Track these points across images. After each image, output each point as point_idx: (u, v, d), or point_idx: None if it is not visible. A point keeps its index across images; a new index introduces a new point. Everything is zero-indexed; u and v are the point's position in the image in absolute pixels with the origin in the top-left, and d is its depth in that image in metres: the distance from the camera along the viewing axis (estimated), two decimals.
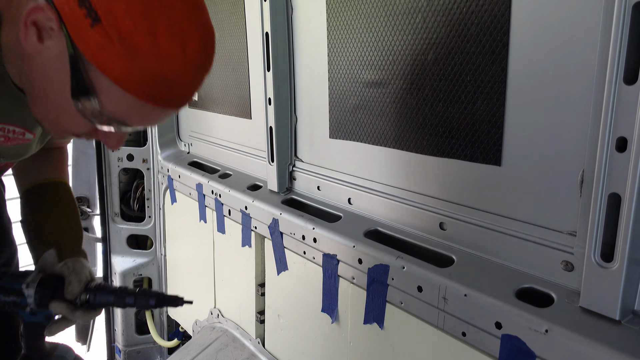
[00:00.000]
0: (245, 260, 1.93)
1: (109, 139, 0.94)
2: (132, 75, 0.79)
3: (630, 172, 0.83)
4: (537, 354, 0.95)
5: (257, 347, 1.95)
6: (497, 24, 1.06)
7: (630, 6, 0.80)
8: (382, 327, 1.32)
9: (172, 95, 0.85)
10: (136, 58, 0.77)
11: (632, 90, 0.81)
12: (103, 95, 0.82)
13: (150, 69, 0.79)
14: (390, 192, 1.42)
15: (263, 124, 1.79)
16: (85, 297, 1.17)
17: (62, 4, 0.78)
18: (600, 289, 0.91)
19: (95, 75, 0.80)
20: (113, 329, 2.94)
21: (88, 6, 0.76)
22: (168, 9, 0.78)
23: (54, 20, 0.79)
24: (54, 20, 0.79)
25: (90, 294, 1.17)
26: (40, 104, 0.92)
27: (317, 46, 1.58)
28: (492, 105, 1.10)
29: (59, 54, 0.81)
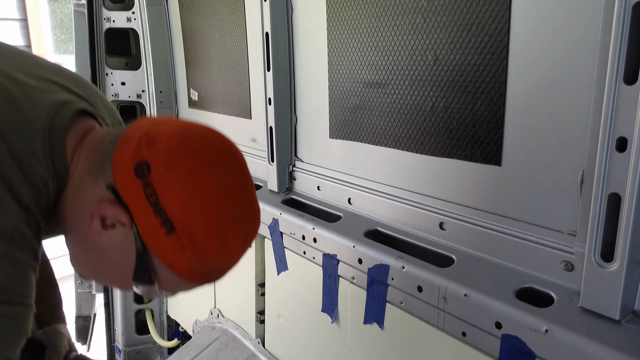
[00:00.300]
0: (245, 260, 1.92)
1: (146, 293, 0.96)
2: (197, 272, 0.86)
3: (630, 172, 0.83)
4: (537, 354, 0.95)
5: (257, 347, 1.95)
6: (497, 24, 1.06)
7: (630, 6, 0.80)
8: (382, 327, 1.32)
9: (221, 276, 0.92)
10: (204, 260, 0.83)
11: (632, 90, 0.81)
12: (163, 281, 0.87)
13: (214, 266, 0.87)
14: (390, 192, 1.42)
15: (263, 124, 1.79)
16: None
17: (135, 207, 0.80)
18: (600, 289, 0.91)
19: (159, 267, 0.84)
20: (113, 329, 2.94)
21: (164, 217, 0.79)
22: (238, 220, 0.85)
23: (125, 220, 0.81)
24: (126, 220, 0.81)
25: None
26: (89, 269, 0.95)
27: (317, 46, 1.58)
28: (492, 105, 1.10)
29: (122, 243, 0.84)
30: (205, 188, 0.81)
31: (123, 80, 2.61)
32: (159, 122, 0.87)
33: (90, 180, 0.85)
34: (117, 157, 0.82)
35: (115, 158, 0.82)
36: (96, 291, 2.92)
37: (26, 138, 0.81)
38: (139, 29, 2.52)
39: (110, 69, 2.60)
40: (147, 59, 2.53)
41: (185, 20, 2.33)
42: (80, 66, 2.77)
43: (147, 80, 2.57)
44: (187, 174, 0.80)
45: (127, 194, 0.80)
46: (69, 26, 5.38)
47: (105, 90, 2.61)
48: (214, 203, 0.81)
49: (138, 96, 2.63)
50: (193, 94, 2.40)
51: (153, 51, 2.49)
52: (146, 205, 0.79)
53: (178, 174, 0.80)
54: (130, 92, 2.63)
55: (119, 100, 2.65)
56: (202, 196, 0.80)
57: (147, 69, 2.55)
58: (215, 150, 0.86)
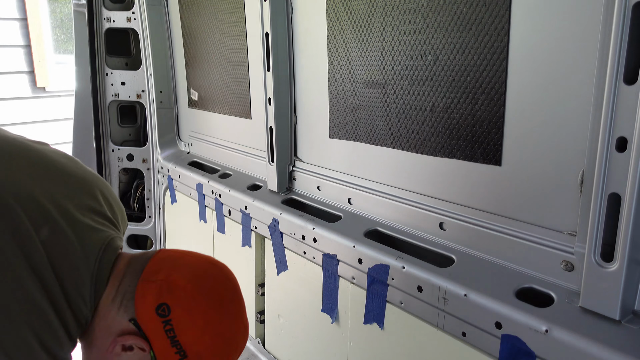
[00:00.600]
0: (245, 260, 1.93)
1: None
2: None
3: (630, 172, 0.83)
4: (537, 354, 0.95)
5: (257, 347, 1.95)
6: (497, 24, 1.06)
7: (630, 6, 0.80)
8: (382, 327, 1.32)
9: None
10: None
11: (632, 90, 0.81)
12: None
13: None
14: (390, 192, 1.42)
15: (263, 124, 1.79)
16: None
17: (155, 339, 0.97)
18: (600, 289, 0.91)
19: None
20: None
21: (179, 348, 0.97)
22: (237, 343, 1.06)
23: (144, 347, 0.97)
24: (145, 347, 0.97)
25: None
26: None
27: (317, 46, 1.58)
28: (492, 105, 1.10)
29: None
30: (215, 324, 1.01)
31: (123, 80, 2.61)
32: (175, 264, 1.04)
33: (113, 311, 0.99)
34: (140, 296, 0.98)
35: (138, 297, 0.98)
36: None
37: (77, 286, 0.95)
38: (139, 29, 2.52)
39: (110, 69, 2.60)
40: (147, 59, 2.53)
41: (185, 20, 2.33)
42: (80, 66, 2.78)
43: (147, 80, 2.57)
44: (201, 314, 1.00)
45: (148, 328, 0.97)
46: (69, 26, 5.38)
47: (105, 90, 2.62)
48: (222, 335, 1.02)
49: (138, 96, 2.63)
50: (193, 94, 2.40)
51: (153, 51, 2.49)
52: (165, 338, 0.97)
53: (193, 316, 0.99)
54: (130, 92, 2.63)
55: (119, 100, 2.65)
56: (212, 331, 1.00)
57: (147, 69, 2.55)
58: (222, 289, 1.06)
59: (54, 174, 1.04)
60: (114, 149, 2.70)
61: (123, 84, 2.61)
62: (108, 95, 2.63)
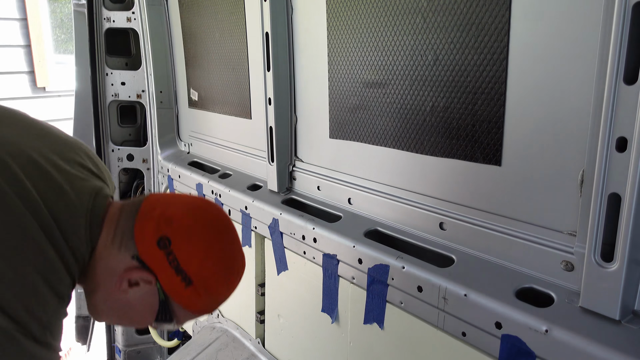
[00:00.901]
0: (246, 260, 1.92)
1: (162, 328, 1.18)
2: (207, 308, 1.12)
3: (630, 172, 0.83)
4: (537, 354, 0.95)
5: (257, 347, 1.95)
6: (497, 24, 1.06)
7: (630, 6, 0.80)
8: (382, 327, 1.32)
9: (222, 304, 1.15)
10: (214, 299, 1.10)
11: (632, 90, 0.81)
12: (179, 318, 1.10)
13: (220, 301, 1.12)
14: (390, 192, 1.42)
15: (263, 124, 1.79)
16: None
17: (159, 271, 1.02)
18: (600, 289, 0.91)
19: (177, 309, 1.07)
20: (113, 329, 2.94)
21: (184, 275, 1.02)
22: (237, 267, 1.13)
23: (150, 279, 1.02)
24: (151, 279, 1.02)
25: None
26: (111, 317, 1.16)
27: (317, 46, 1.58)
28: (492, 105, 1.10)
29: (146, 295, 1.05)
30: (215, 250, 1.07)
31: (123, 80, 2.61)
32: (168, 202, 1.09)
33: (114, 251, 1.04)
34: (139, 233, 1.03)
35: (137, 234, 1.03)
36: None
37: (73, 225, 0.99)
38: (139, 29, 2.52)
39: (110, 69, 2.60)
40: (147, 59, 2.53)
41: (185, 20, 2.33)
42: (80, 66, 2.78)
43: (147, 80, 2.57)
44: (201, 241, 1.05)
45: (151, 261, 1.02)
46: (69, 26, 5.38)
47: (105, 90, 2.62)
48: (222, 260, 1.09)
49: (138, 96, 2.63)
50: (193, 94, 2.40)
51: (153, 51, 2.49)
52: (169, 268, 1.02)
53: (194, 244, 1.04)
54: (130, 92, 2.63)
55: (119, 100, 2.65)
56: (213, 256, 1.06)
57: (147, 69, 2.55)
58: (216, 220, 1.11)
59: (40, 133, 1.09)
60: (114, 149, 2.71)
61: (123, 84, 2.61)
62: (108, 95, 2.63)
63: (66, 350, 4.53)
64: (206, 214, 1.10)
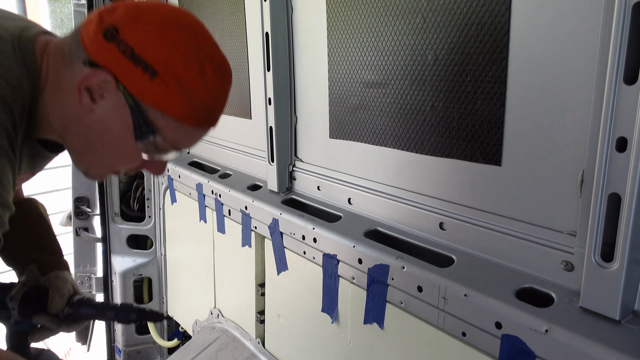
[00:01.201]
0: (245, 260, 1.93)
1: (154, 168, 1.06)
2: (189, 110, 0.96)
3: (630, 172, 0.83)
4: (537, 354, 0.95)
5: (257, 347, 1.95)
6: (497, 24, 1.06)
7: (630, 6, 0.80)
8: (382, 327, 1.32)
9: (214, 117, 1.05)
10: (191, 96, 0.93)
11: (632, 90, 0.81)
12: (163, 131, 0.97)
13: (202, 102, 0.96)
14: (390, 192, 1.42)
15: (263, 124, 1.79)
16: (67, 311, 1.21)
17: (115, 66, 0.90)
18: (600, 289, 0.91)
19: (155, 117, 0.94)
20: (113, 329, 2.94)
21: (143, 63, 0.89)
22: (211, 53, 0.97)
23: (110, 82, 0.91)
24: (111, 81, 0.91)
25: (73, 308, 1.21)
26: (95, 154, 1.03)
27: (317, 46, 1.58)
28: (492, 105, 1.10)
29: (115, 108, 0.94)
30: (172, 29, 0.92)
31: None
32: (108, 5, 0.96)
33: (67, 70, 0.94)
34: (84, 36, 0.92)
35: (83, 38, 0.92)
36: (96, 291, 2.92)
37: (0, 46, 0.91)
38: None
39: None
40: None
41: None
42: None
43: None
44: (152, 21, 0.91)
45: (104, 58, 0.90)
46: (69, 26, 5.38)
47: None
48: (184, 39, 0.93)
49: None
50: None
51: None
52: (123, 59, 0.89)
53: (144, 23, 0.90)
54: None
55: None
56: (170, 35, 0.91)
57: None
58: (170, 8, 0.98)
59: None
60: None
61: None
62: None
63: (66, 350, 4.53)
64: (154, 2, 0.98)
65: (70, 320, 1.22)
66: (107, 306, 1.22)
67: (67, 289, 1.24)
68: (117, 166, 1.05)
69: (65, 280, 1.25)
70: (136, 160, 1.02)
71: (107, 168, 1.07)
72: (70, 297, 1.23)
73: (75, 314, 1.22)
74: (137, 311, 1.22)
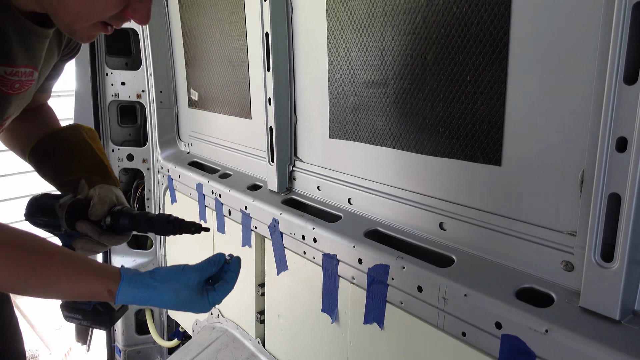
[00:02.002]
0: (245, 260, 1.92)
1: (138, 15, 1.03)
2: None
3: (630, 172, 0.83)
4: (537, 354, 0.95)
5: (257, 347, 1.95)
6: (497, 24, 1.06)
7: (630, 6, 0.80)
8: (382, 327, 1.32)
9: None
10: None
11: (632, 90, 0.81)
12: None
13: None
14: (390, 192, 1.42)
15: (263, 124, 1.79)
16: (109, 221, 1.22)
17: None
18: (600, 289, 0.91)
19: None
20: (113, 329, 2.94)
21: None
22: None
23: None
24: None
25: (113, 217, 1.22)
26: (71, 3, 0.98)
27: (317, 46, 1.58)
28: (492, 105, 1.10)
29: None
30: None
31: (123, 80, 2.61)
32: None
33: None
34: None
35: None
36: None
37: None
38: (139, 29, 2.52)
39: (110, 69, 2.60)
40: (147, 59, 2.53)
41: (185, 20, 2.33)
42: (80, 66, 2.77)
43: (147, 80, 2.58)
44: None
45: None
46: None
47: (105, 90, 2.62)
48: None
49: (138, 96, 2.63)
50: (193, 94, 2.40)
51: (153, 51, 2.49)
52: None
53: None
54: (130, 92, 2.63)
55: (119, 100, 2.65)
56: None
57: (147, 69, 2.55)
58: None
59: None
60: (114, 149, 2.71)
61: (123, 84, 2.61)
62: (108, 95, 2.63)
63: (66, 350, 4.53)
64: None
65: (111, 230, 1.23)
66: (145, 217, 1.22)
67: (109, 197, 1.25)
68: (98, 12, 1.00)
69: (108, 190, 1.27)
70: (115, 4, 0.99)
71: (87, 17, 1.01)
72: (112, 207, 1.24)
73: (116, 224, 1.23)
74: (173, 222, 1.20)
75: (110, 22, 1.03)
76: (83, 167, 1.35)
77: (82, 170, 1.34)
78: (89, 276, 0.98)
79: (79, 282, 0.98)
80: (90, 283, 0.98)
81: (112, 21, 1.03)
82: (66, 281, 0.97)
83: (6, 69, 1.06)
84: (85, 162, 1.36)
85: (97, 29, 1.04)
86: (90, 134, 1.45)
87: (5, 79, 1.07)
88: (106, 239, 1.23)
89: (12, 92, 1.11)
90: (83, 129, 1.44)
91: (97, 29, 1.04)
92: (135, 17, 1.03)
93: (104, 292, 0.98)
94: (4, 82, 1.07)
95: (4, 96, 1.10)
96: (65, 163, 1.36)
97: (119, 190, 1.31)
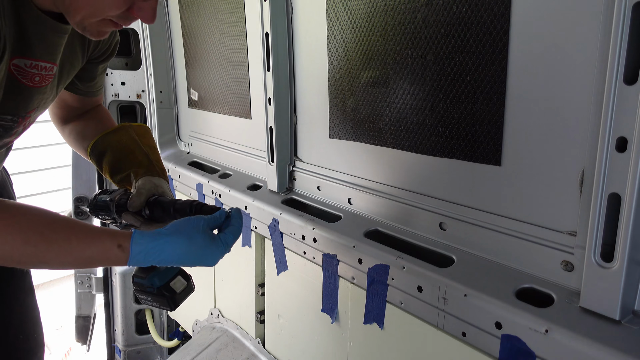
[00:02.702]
0: (245, 260, 1.93)
1: (144, 14, 1.07)
2: None
3: (630, 172, 0.83)
4: (537, 354, 0.95)
5: (257, 347, 1.95)
6: (497, 24, 1.06)
7: (630, 6, 0.80)
8: (382, 327, 1.32)
9: None
10: None
11: (632, 90, 0.81)
12: None
13: None
14: (390, 192, 1.42)
15: (263, 124, 1.79)
16: (147, 211, 1.27)
17: None
18: (600, 289, 0.91)
19: None
20: (113, 329, 2.94)
21: None
22: None
23: None
24: None
25: (149, 207, 1.27)
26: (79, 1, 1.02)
27: (317, 46, 1.58)
28: (492, 105, 1.10)
29: None
30: None
31: (123, 80, 2.61)
32: None
33: None
34: None
35: None
36: (96, 291, 2.92)
37: None
38: (139, 29, 2.52)
39: (110, 69, 2.60)
40: (147, 59, 2.53)
41: (185, 20, 2.33)
42: None
43: (147, 80, 2.58)
44: None
45: None
46: None
47: (105, 90, 2.62)
48: None
49: (138, 96, 2.63)
50: (193, 94, 2.40)
51: (153, 51, 2.49)
52: None
53: None
54: (130, 92, 2.63)
55: (119, 100, 2.65)
56: None
57: (147, 69, 2.55)
58: None
59: None
60: None
61: (123, 84, 2.62)
62: (108, 95, 2.63)
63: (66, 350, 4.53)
64: None
65: (151, 219, 1.27)
66: (174, 205, 1.24)
67: (145, 189, 1.29)
68: (104, 10, 1.03)
69: (147, 181, 1.31)
70: (122, 2, 1.02)
71: (95, 14, 1.04)
72: (150, 197, 1.28)
73: (152, 214, 1.27)
74: (195, 207, 1.22)
75: (117, 20, 1.06)
76: (130, 163, 1.41)
77: (130, 166, 1.40)
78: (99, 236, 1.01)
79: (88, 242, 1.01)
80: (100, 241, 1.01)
81: (119, 20, 1.06)
82: (76, 243, 0.99)
83: (26, 61, 1.10)
84: (132, 158, 1.43)
85: (107, 25, 1.07)
86: (140, 130, 1.51)
87: (25, 71, 1.12)
88: (146, 228, 1.27)
89: (32, 85, 1.16)
90: (132, 127, 1.51)
91: (107, 25, 1.07)
92: (140, 16, 1.06)
93: (114, 247, 1.00)
94: (24, 74, 1.12)
95: (25, 88, 1.15)
96: (116, 162, 1.43)
97: (160, 180, 1.36)
